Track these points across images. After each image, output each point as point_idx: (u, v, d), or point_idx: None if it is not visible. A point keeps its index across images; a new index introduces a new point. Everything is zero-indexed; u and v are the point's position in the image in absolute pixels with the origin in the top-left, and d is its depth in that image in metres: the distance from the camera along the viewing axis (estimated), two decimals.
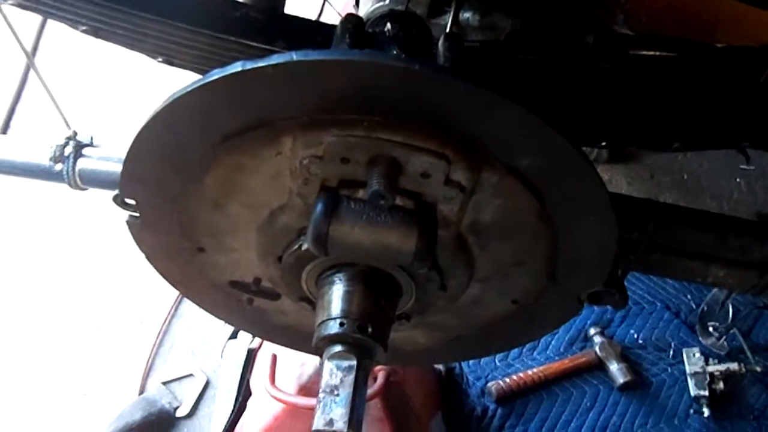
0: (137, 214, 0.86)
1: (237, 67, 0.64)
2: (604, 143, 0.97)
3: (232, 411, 1.88)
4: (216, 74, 0.65)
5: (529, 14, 1.16)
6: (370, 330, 0.74)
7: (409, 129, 0.66)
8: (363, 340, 0.74)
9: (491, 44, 1.08)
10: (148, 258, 0.94)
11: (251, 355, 1.91)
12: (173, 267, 0.95)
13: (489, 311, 0.94)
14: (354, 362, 0.73)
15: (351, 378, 0.71)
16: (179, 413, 2.11)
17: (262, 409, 1.69)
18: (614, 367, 2.00)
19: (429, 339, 1.03)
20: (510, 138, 0.67)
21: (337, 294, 0.78)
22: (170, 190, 0.80)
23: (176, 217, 0.84)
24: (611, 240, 0.80)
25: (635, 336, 2.12)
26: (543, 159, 0.70)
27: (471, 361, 1.99)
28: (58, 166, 1.24)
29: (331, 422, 0.68)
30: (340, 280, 0.78)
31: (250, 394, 1.86)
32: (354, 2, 1.59)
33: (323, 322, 0.76)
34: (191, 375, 2.19)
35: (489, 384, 1.96)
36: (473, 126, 0.66)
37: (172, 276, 0.97)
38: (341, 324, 0.74)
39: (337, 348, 0.74)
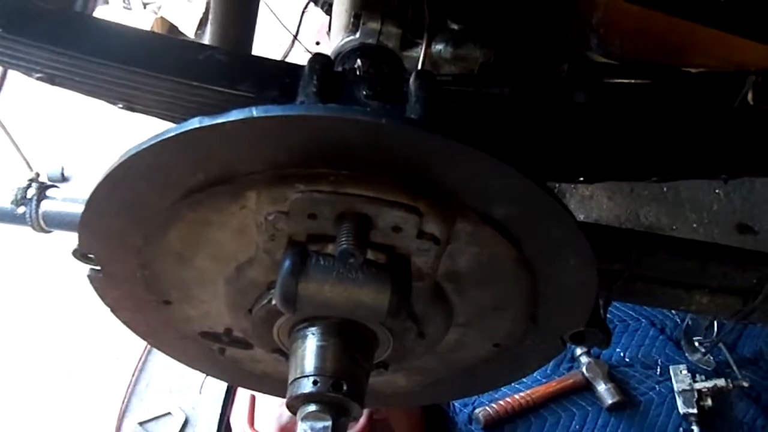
0: (98, 268, 0.82)
1: (194, 123, 0.60)
2: (582, 178, 0.96)
3: None
4: (172, 131, 0.62)
5: (501, 44, 1.15)
6: (345, 388, 0.71)
7: (378, 183, 0.63)
8: (338, 398, 0.71)
9: (464, 77, 1.06)
10: (112, 310, 0.90)
11: (231, 390, 1.86)
12: (139, 319, 0.91)
13: (470, 354, 0.91)
14: (329, 423, 0.69)
15: None
16: None
17: None
18: (602, 387, 1.98)
19: (410, 382, 0.99)
20: (483, 188, 0.65)
21: (310, 349, 0.74)
22: (132, 245, 0.76)
23: (140, 272, 0.80)
24: (591, 281, 0.78)
25: (621, 354, 2.10)
26: (517, 207, 0.67)
27: None
28: (21, 209, 1.20)
29: None
30: (313, 334, 0.75)
31: (230, 431, 1.80)
32: (327, 30, 1.58)
33: (296, 379, 0.73)
34: (169, 413, 2.12)
35: (476, 411, 1.93)
36: (445, 178, 0.63)
37: (138, 327, 0.93)
38: (315, 382, 0.71)
39: (312, 408, 0.70)
